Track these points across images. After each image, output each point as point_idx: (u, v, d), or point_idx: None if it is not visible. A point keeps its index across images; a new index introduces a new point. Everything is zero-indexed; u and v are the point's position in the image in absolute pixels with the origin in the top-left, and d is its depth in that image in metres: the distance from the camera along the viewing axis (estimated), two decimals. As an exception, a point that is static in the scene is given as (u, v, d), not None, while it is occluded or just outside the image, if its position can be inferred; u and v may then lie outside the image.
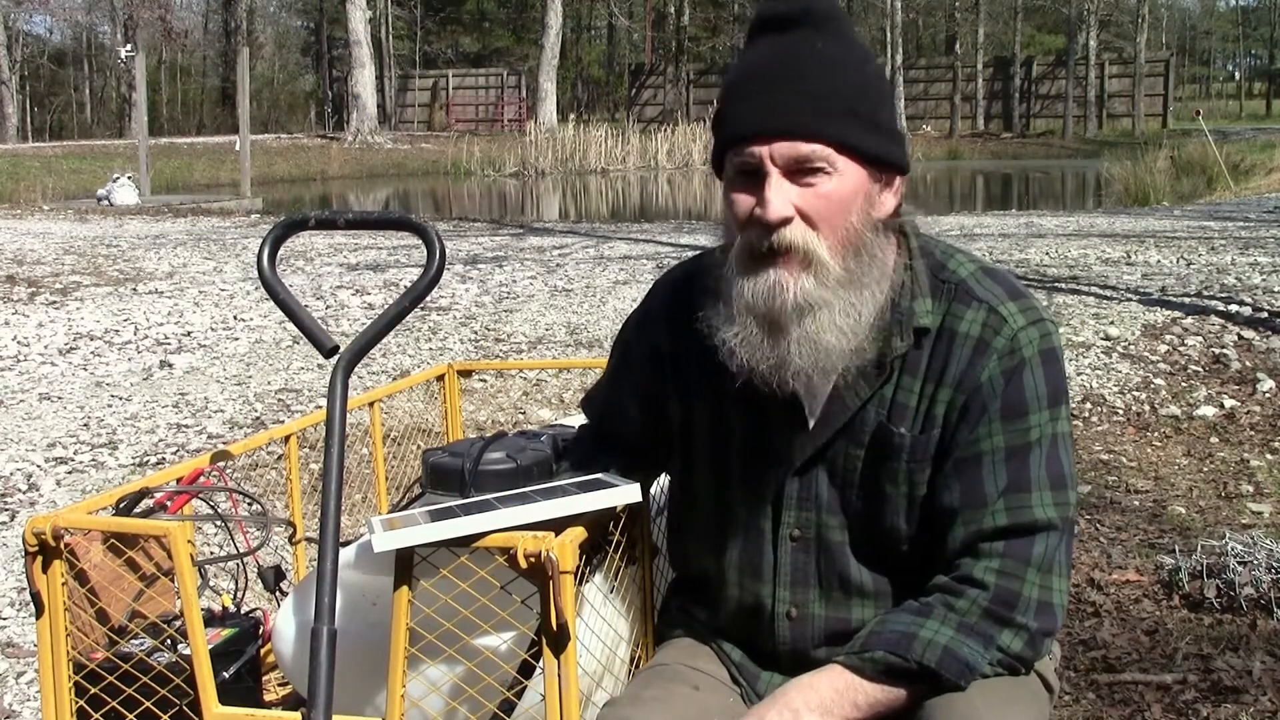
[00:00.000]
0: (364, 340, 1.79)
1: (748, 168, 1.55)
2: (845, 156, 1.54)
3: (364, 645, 1.74)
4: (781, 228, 1.53)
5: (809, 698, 1.55)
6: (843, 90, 1.55)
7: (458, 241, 12.57)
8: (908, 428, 1.61)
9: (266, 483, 4.39)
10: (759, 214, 1.53)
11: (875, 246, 1.58)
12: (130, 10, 41.60)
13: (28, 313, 8.48)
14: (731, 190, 1.58)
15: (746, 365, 1.57)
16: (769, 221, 1.52)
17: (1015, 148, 40.09)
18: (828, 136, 1.53)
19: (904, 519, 1.63)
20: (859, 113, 1.56)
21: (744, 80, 1.59)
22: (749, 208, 1.55)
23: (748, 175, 1.56)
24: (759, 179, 1.54)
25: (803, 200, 1.53)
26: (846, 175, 1.54)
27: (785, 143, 1.53)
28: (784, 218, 1.52)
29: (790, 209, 1.53)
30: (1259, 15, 75.34)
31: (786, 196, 1.53)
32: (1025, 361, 1.58)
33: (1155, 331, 6.53)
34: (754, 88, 1.57)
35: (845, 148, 1.54)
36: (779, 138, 1.53)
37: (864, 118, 1.56)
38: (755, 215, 1.54)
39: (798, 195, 1.53)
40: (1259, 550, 3.38)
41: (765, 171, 1.54)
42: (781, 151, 1.53)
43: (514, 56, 55.03)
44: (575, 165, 31.90)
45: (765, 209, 1.53)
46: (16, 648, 3.25)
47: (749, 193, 1.56)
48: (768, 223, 1.53)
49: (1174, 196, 18.25)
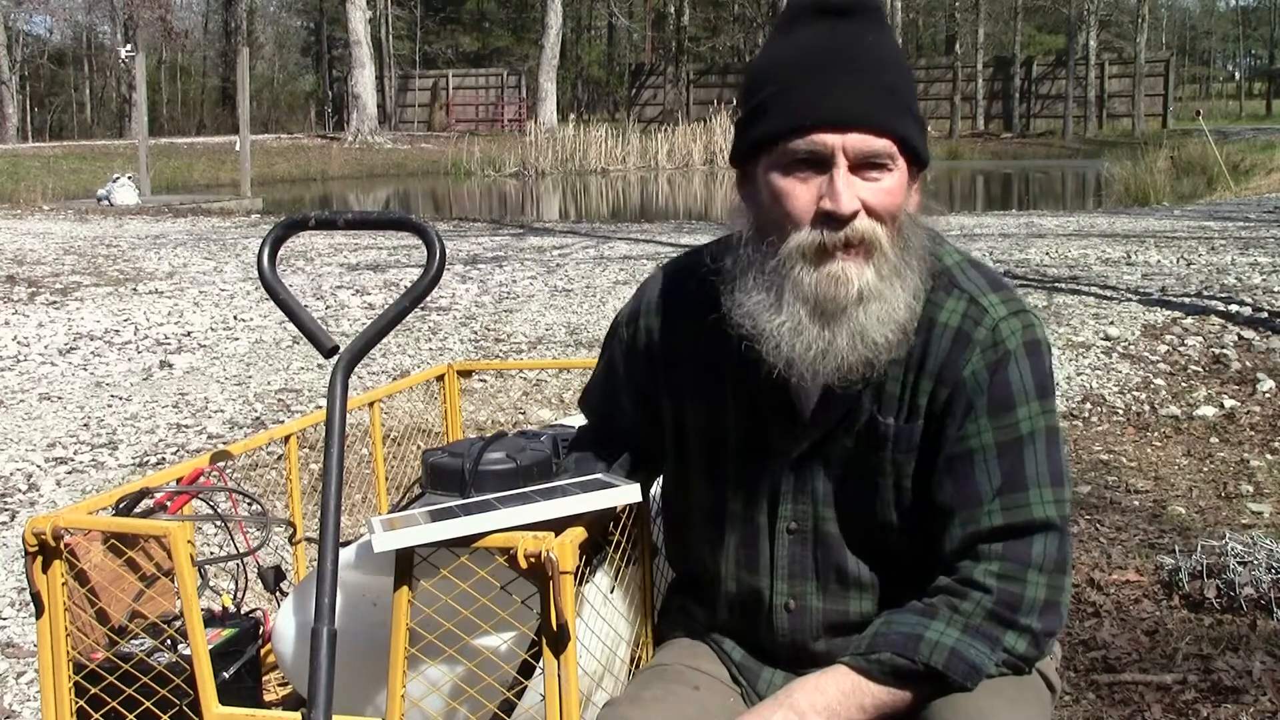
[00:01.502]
0: (364, 340, 1.79)
1: (814, 157, 1.51)
2: (903, 153, 1.54)
3: (364, 645, 1.73)
4: (854, 219, 1.50)
5: (815, 700, 1.55)
6: (899, 86, 1.55)
7: (458, 241, 12.57)
8: (894, 418, 1.60)
9: (266, 483, 4.39)
10: (829, 207, 1.50)
11: (915, 241, 1.58)
12: (130, 10, 41.58)
13: (28, 313, 8.48)
14: (781, 177, 1.53)
15: (788, 355, 1.54)
16: (843, 213, 1.50)
17: (1015, 148, 40.06)
18: (897, 133, 1.52)
19: (893, 510, 1.63)
20: (914, 109, 1.56)
21: (801, 65, 1.54)
22: (811, 199, 1.51)
23: (804, 164, 1.52)
24: (822, 169, 1.51)
25: (868, 194, 1.51)
26: (900, 171, 1.54)
27: (859, 134, 1.50)
28: (856, 210, 1.50)
29: (858, 202, 1.51)
30: (1259, 15, 75.36)
31: (854, 190, 1.51)
32: (1009, 354, 1.57)
33: (1155, 331, 6.53)
34: (816, 75, 1.52)
35: (906, 145, 1.54)
36: (853, 128, 1.50)
37: (916, 115, 1.56)
38: (824, 209, 1.50)
39: (863, 189, 1.51)
40: (1259, 550, 3.38)
41: (835, 163, 1.50)
42: (854, 144, 1.50)
43: (514, 56, 55.03)
44: (575, 165, 31.89)
45: (837, 202, 1.49)
46: (16, 648, 3.24)
47: (808, 183, 1.52)
48: (841, 215, 1.50)
49: (1174, 196, 18.25)
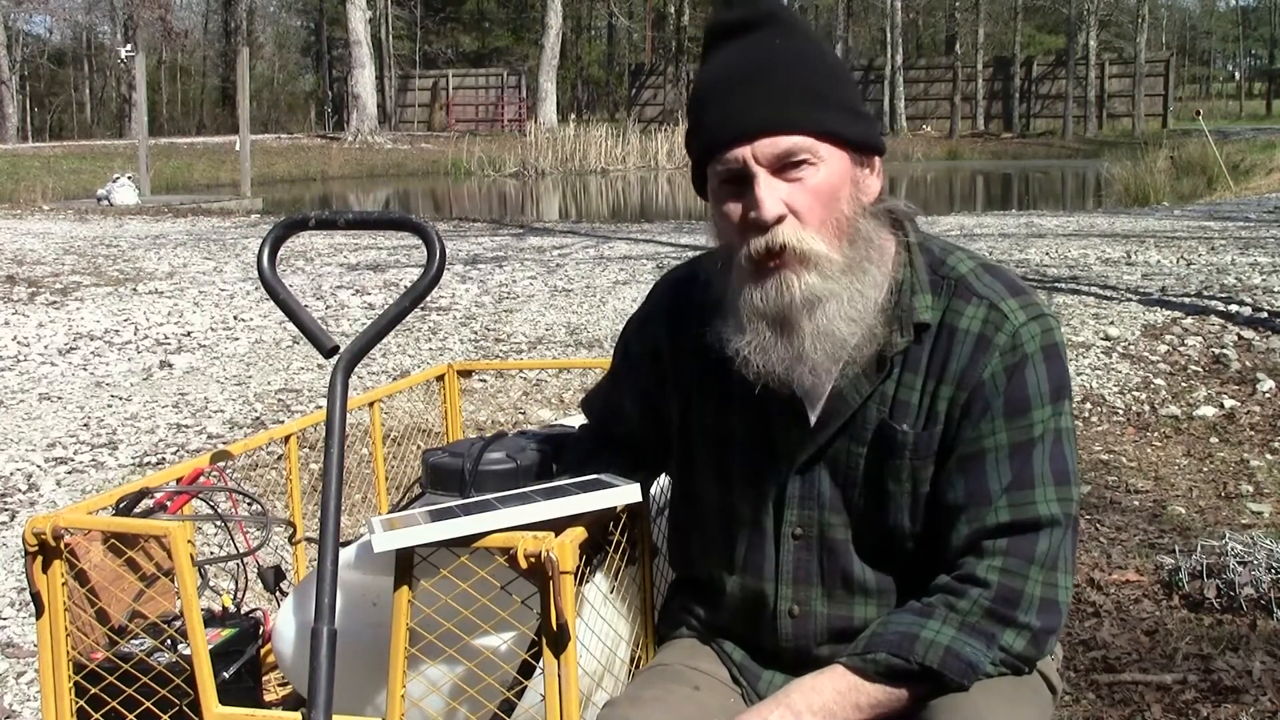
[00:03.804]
0: (364, 340, 1.79)
1: (732, 174, 1.53)
2: (827, 144, 1.53)
3: (364, 645, 1.73)
4: (777, 225, 1.51)
5: (811, 700, 1.55)
6: (811, 79, 1.54)
7: (458, 241, 12.57)
8: (910, 424, 1.60)
9: (266, 483, 4.38)
10: (754, 216, 1.51)
11: (870, 231, 1.58)
12: (130, 10, 41.62)
13: (28, 313, 8.48)
14: (719, 202, 1.56)
15: (762, 370, 1.56)
16: (765, 221, 1.50)
17: (1015, 148, 40.08)
18: (806, 126, 1.51)
19: (908, 516, 1.63)
20: (831, 99, 1.54)
21: (710, 89, 1.56)
22: (741, 213, 1.53)
23: (733, 182, 1.54)
24: (745, 182, 1.52)
25: (792, 196, 1.51)
26: (831, 163, 1.53)
27: (765, 139, 1.51)
28: (780, 215, 1.51)
29: (783, 206, 1.51)
30: (1259, 15, 75.37)
31: (777, 194, 1.51)
32: (1028, 358, 1.58)
33: (1155, 331, 6.53)
34: (721, 93, 1.54)
35: (825, 135, 1.53)
36: (758, 135, 1.51)
37: (837, 103, 1.55)
38: (750, 219, 1.52)
39: (786, 192, 1.51)
40: (1259, 550, 3.38)
41: (751, 173, 1.51)
42: (763, 149, 1.51)
43: (514, 56, 55.04)
44: (575, 165, 31.89)
45: (759, 209, 1.50)
46: (16, 648, 3.24)
47: (738, 199, 1.54)
48: (764, 222, 1.51)
49: (1174, 196, 18.24)
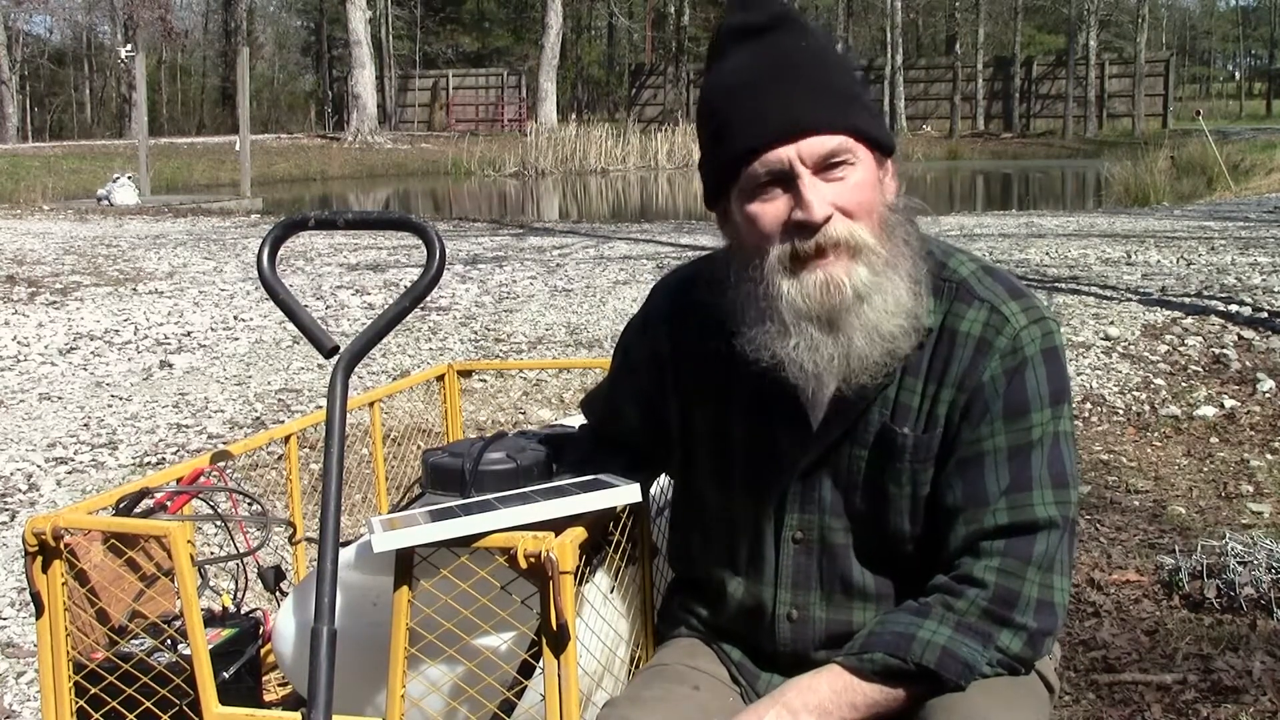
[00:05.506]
0: (364, 340, 1.79)
1: (773, 175, 1.51)
2: (862, 145, 1.54)
3: (364, 645, 1.73)
4: (826, 224, 1.50)
5: (807, 699, 1.55)
6: (843, 80, 1.55)
7: (458, 241, 12.57)
8: (911, 428, 1.60)
9: (266, 483, 4.38)
10: (801, 217, 1.50)
11: (898, 227, 1.58)
12: (130, 10, 41.59)
13: (28, 313, 8.48)
14: (750, 204, 1.53)
15: (813, 372, 1.54)
16: (815, 221, 1.49)
17: (1015, 148, 40.08)
18: (848, 127, 1.52)
19: (908, 520, 1.63)
20: (863, 100, 1.56)
21: (737, 91, 1.54)
22: (782, 215, 1.51)
23: (770, 184, 1.52)
24: (787, 184, 1.51)
25: (836, 195, 1.51)
26: (865, 163, 1.54)
27: (811, 139, 1.50)
28: (828, 215, 1.50)
29: (829, 207, 1.50)
30: (1259, 15, 75.34)
31: (823, 194, 1.50)
32: (1028, 361, 1.58)
33: (1155, 331, 6.53)
34: (752, 95, 1.52)
35: (861, 136, 1.53)
36: (803, 135, 1.50)
37: (867, 105, 1.56)
38: (796, 219, 1.50)
39: (831, 191, 1.51)
40: (1259, 550, 3.38)
41: (796, 173, 1.50)
42: (810, 149, 1.50)
43: (514, 56, 55.04)
44: (575, 165, 31.89)
45: (808, 210, 1.49)
46: (16, 648, 3.24)
47: (776, 201, 1.52)
48: (813, 223, 1.49)
49: (1174, 196, 18.23)
